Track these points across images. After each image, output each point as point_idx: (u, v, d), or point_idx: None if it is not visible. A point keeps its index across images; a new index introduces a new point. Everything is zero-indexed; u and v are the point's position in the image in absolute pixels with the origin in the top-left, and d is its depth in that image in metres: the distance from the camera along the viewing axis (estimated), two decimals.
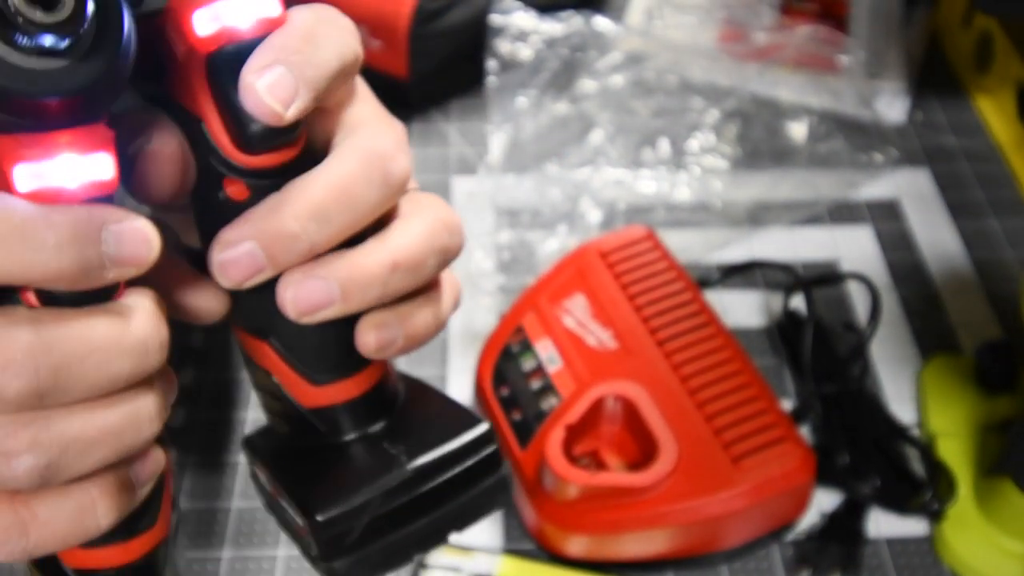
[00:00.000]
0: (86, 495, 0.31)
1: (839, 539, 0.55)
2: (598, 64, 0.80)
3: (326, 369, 0.39)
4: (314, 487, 0.40)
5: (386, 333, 0.37)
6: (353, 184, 0.35)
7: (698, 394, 0.54)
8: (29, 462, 0.29)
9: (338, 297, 0.35)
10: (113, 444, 0.31)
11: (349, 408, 0.41)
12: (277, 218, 0.33)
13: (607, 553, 0.53)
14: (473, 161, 0.78)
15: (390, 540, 0.40)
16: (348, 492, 0.39)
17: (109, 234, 0.29)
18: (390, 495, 0.39)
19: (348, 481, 0.39)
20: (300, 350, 0.39)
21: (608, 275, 0.60)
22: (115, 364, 0.30)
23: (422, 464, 0.40)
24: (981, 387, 0.60)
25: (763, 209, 0.74)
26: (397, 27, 0.78)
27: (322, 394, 0.40)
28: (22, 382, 0.28)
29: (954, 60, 0.88)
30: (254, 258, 0.34)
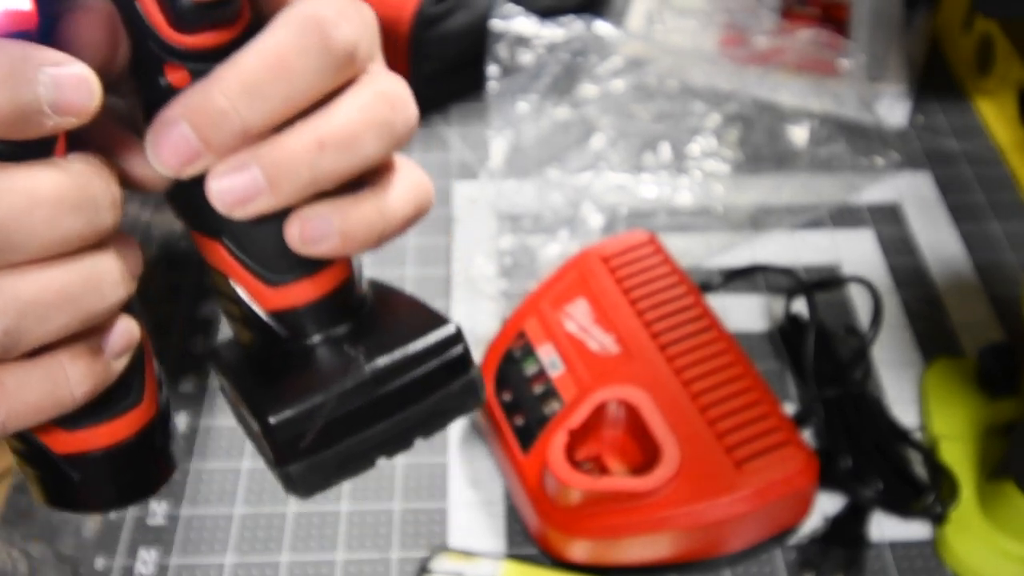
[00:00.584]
0: (55, 363, 0.30)
1: (842, 543, 0.55)
2: (599, 69, 0.80)
3: (281, 269, 0.37)
4: (270, 390, 0.38)
5: (315, 225, 0.34)
6: (287, 54, 0.31)
7: (700, 398, 0.54)
8: None
9: (264, 186, 0.32)
10: (73, 308, 0.30)
11: (309, 311, 0.38)
12: (206, 95, 0.31)
13: (610, 558, 0.53)
14: (474, 166, 0.78)
15: (349, 444, 0.38)
16: (302, 394, 0.37)
17: (46, 76, 0.27)
18: (347, 396, 0.37)
19: (304, 383, 0.37)
20: (252, 249, 0.37)
21: (610, 279, 0.60)
22: (65, 220, 0.29)
23: (382, 365, 0.38)
24: (983, 390, 0.60)
25: (765, 213, 0.74)
26: (398, 32, 0.78)
27: (280, 296, 0.38)
28: None
29: (955, 63, 0.88)
30: (187, 140, 0.31)
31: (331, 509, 0.58)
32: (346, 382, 0.37)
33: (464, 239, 0.73)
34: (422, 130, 0.82)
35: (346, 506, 0.58)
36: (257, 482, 0.59)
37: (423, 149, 0.80)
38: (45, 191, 0.28)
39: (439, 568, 0.54)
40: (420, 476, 0.59)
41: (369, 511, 0.58)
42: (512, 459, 0.55)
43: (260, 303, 0.38)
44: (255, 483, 0.59)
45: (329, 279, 0.38)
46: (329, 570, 0.55)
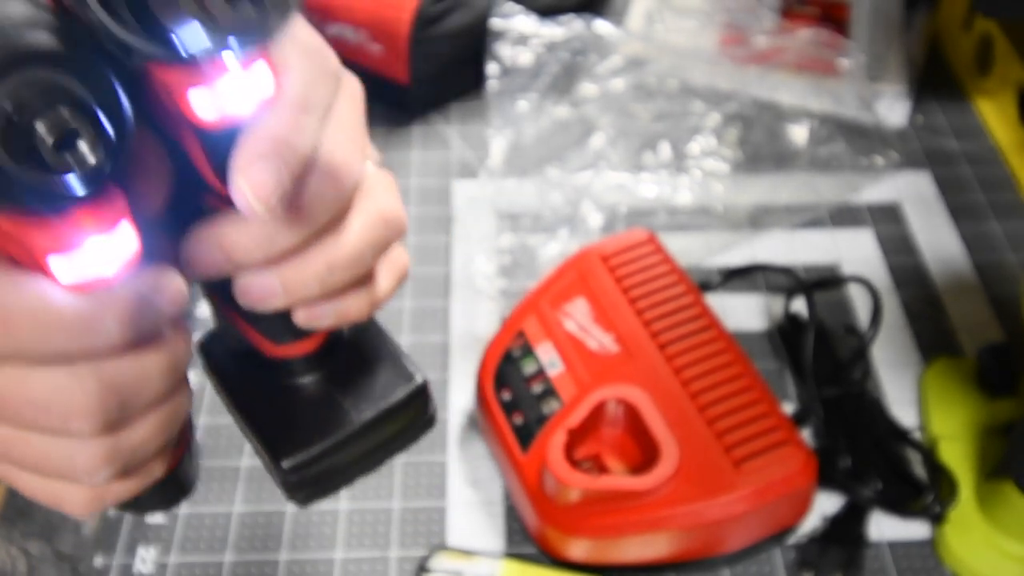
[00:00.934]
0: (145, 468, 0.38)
1: (841, 542, 0.55)
2: (599, 68, 0.80)
3: (284, 336, 0.46)
4: (278, 431, 0.47)
5: (316, 311, 0.41)
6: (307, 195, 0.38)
7: (699, 397, 0.54)
8: (106, 472, 0.35)
9: (280, 293, 0.39)
10: (165, 435, 0.37)
11: (304, 360, 0.47)
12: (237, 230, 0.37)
13: (609, 557, 0.53)
14: (474, 165, 0.78)
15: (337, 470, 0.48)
16: (308, 442, 0.47)
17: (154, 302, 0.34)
18: (340, 444, 0.47)
19: (307, 430, 0.47)
20: (262, 322, 0.45)
21: (609, 279, 0.60)
22: (164, 383, 0.36)
23: (368, 419, 0.47)
24: (982, 390, 0.60)
25: (764, 212, 0.74)
26: (398, 32, 0.78)
27: (280, 350, 0.46)
28: (98, 422, 0.33)
29: (955, 63, 0.88)
30: (218, 261, 0.38)
31: (330, 508, 0.58)
32: (340, 432, 0.47)
33: (464, 238, 0.73)
34: (422, 128, 0.82)
35: (345, 505, 0.58)
36: (256, 481, 0.59)
37: (423, 147, 0.80)
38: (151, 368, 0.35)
39: (438, 567, 0.54)
40: (419, 475, 0.59)
41: (368, 510, 0.58)
42: (511, 458, 0.55)
43: (262, 349, 0.47)
44: (254, 482, 0.59)
45: (319, 338, 0.47)
46: (328, 569, 0.55)
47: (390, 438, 0.50)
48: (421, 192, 0.77)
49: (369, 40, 0.80)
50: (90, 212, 0.31)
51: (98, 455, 0.34)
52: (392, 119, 0.83)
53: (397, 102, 0.83)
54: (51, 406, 0.33)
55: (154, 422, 0.36)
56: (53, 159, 0.28)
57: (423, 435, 0.52)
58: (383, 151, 0.81)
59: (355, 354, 0.50)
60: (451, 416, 0.62)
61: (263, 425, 0.48)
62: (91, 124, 0.29)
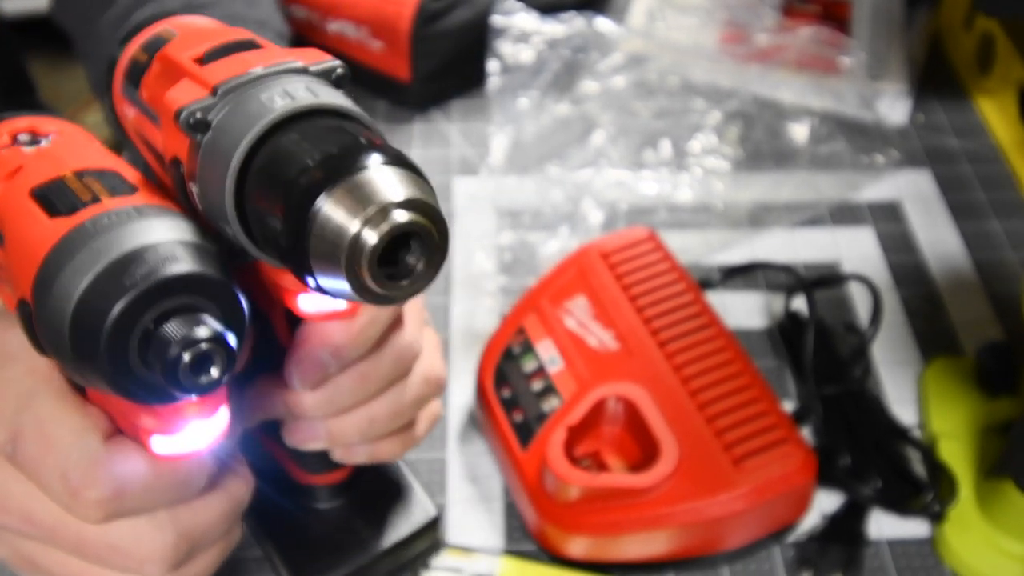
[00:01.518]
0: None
1: (840, 540, 0.55)
2: (600, 65, 0.80)
3: (318, 468, 0.50)
4: (301, 555, 0.51)
5: (353, 451, 0.45)
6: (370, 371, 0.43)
7: (699, 395, 0.54)
8: None
9: (324, 438, 0.44)
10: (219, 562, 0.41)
11: (330, 488, 0.52)
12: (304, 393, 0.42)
13: (608, 554, 0.53)
14: (475, 162, 0.78)
15: None
16: (328, 567, 0.50)
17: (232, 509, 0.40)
18: (360, 570, 0.51)
19: (329, 556, 0.51)
20: (300, 456, 0.49)
21: (609, 276, 0.60)
22: (228, 524, 0.40)
23: (384, 548, 0.51)
24: (982, 389, 0.60)
25: (764, 210, 0.74)
26: (399, 28, 0.78)
27: (311, 479, 0.51)
28: (169, 566, 0.37)
29: (956, 62, 0.88)
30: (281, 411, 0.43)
31: None
32: (360, 559, 0.51)
33: (464, 235, 0.73)
34: (423, 126, 0.82)
35: None
36: None
37: (424, 145, 0.80)
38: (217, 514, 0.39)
39: (438, 564, 0.54)
40: (419, 472, 0.59)
41: None
42: (511, 455, 0.55)
43: (293, 476, 0.50)
44: None
45: (347, 471, 0.51)
46: None
47: (398, 562, 0.54)
48: None
49: (370, 37, 0.80)
50: (198, 404, 0.35)
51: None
52: (393, 116, 0.83)
53: (398, 99, 0.83)
54: (131, 552, 0.36)
55: (214, 556, 0.40)
56: (187, 380, 0.31)
57: (430, 556, 0.55)
58: None
59: (375, 483, 0.54)
60: (451, 413, 0.62)
61: (286, 547, 0.51)
62: (223, 348, 0.32)
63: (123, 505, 0.36)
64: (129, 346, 0.31)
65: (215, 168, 0.31)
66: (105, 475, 0.35)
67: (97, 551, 0.37)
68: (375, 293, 0.30)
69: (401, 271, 0.30)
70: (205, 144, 0.32)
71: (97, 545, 0.36)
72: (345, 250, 0.28)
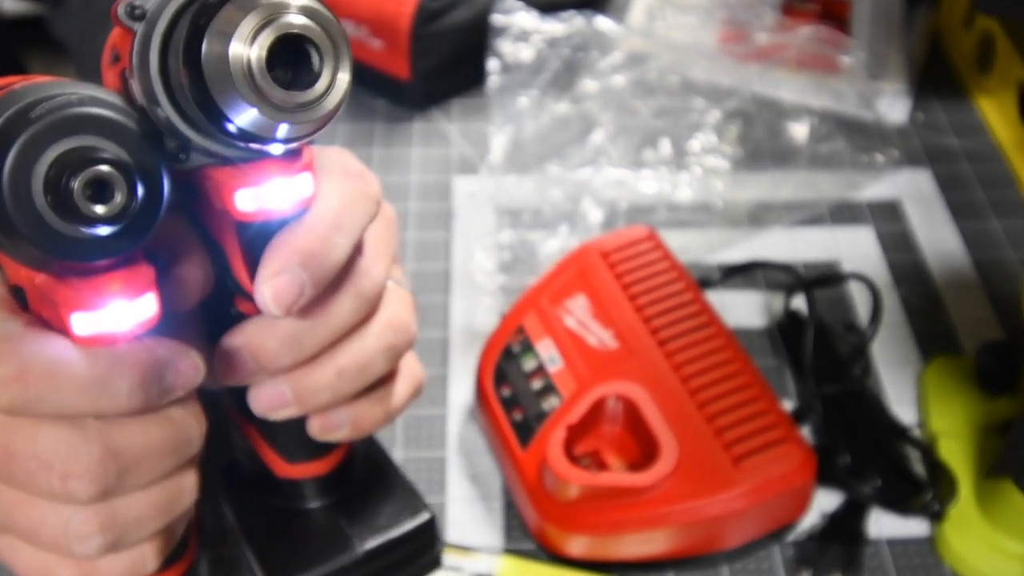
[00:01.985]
0: (137, 549, 0.38)
1: (840, 540, 0.55)
2: (600, 64, 0.80)
3: (298, 452, 0.47)
4: (277, 552, 0.48)
5: (331, 420, 0.43)
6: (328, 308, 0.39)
7: (699, 394, 0.54)
8: (98, 541, 0.35)
9: (292, 401, 0.41)
10: (164, 517, 0.37)
11: (313, 482, 0.49)
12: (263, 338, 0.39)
13: (608, 553, 0.53)
14: (475, 161, 0.78)
15: None
16: (307, 565, 0.47)
17: (169, 371, 0.35)
18: (342, 571, 0.48)
19: (307, 553, 0.48)
20: (276, 436, 0.46)
21: (609, 275, 0.60)
22: (170, 460, 0.36)
23: (371, 548, 0.48)
24: (982, 388, 0.60)
25: (764, 209, 0.74)
26: (399, 27, 0.78)
27: (293, 470, 0.48)
28: (96, 486, 0.34)
29: (955, 61, 0.88)
30: (245, 364, 0.39)
31: None
32: (342, 559, 0.48)
33: (464, 234, 0.73)
34: (423, 124, 0.82)
35: None
36: None
37: (424, 144, 0.80)
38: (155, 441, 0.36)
39: None
40: (418, 471, 0.59)
41: None
42: (510, 454, 0.55)
43: (275, 470, 0.48)
44: None
45: (333, 460, 0.48)
46: None
47: (392, 571, 0.51)
48: (421, 188, 0.76)
49: (370, 35, 0.80)
50: (119, 278, 0.33)
51: (93, 521, 0.35)
52: (393, 115, 0.83)
53: (398, 98, 0.83)
54: (54, 462, 0.34)
55: (151, 499, 0.37)
56: (86, 208, 0.30)
57: (427, 571, 0.53)
58: (383, 147, 0.81)
59: (365, 484, 0.51)
60: (450, 412, 0.62)
61: (262, 546, 0.49)
62: (126, 181, 0.31)
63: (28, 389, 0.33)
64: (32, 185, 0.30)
65: (145, 47, 0.32)
66: (14, 350, 0.33)
67: (24, 464, 0.34)
68: (285, 107, 0.31)
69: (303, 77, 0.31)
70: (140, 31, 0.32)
71: (24, 456, 0.34)
72: (233, 64, 0.30)
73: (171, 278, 0.37)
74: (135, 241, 0.32)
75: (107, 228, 0.31)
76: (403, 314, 0.43)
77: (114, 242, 0.31)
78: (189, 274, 0.37)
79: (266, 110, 0.31)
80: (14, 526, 0.36)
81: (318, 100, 0.32)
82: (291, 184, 0.36)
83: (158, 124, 0.33)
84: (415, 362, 0.47)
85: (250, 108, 0.31)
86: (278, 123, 0.31)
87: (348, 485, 0.50)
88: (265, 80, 0.30)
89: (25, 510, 0.35)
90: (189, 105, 0.32)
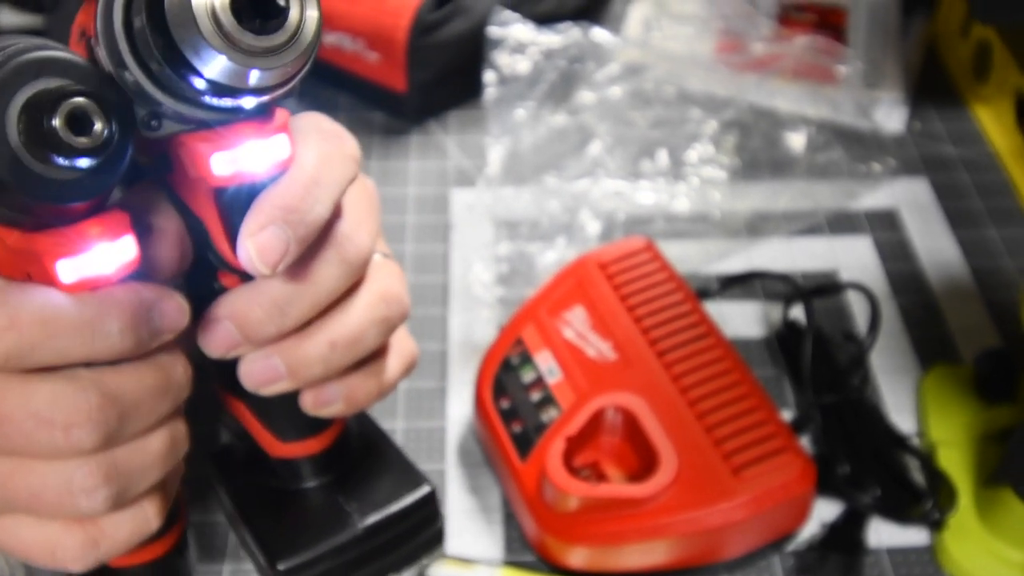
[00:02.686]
0: (139, 506, 0.38)
1: (840, 549, 0.55)
2: (596, 75, 0.80)
3: (291, 430, 0.47)
4: (276, 532, 0.48)
5: (324, 395, 0.43)
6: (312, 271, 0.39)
7: (698, 405, 0.54)
8: (104, 493, 0.36)
9: (284, 374, 0.40)
10: (162, 465, 0.38)
11: (309, 461, 0.48)
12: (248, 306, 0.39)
13: (608, 564, 0.53)
14: (472, 173, 0.79)
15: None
16: (307, 543, 0.47)
17: (155, 312, 0.36)
18: (342, 548, 0.47)
19: (307, 532, 0.47)
20: (269, 414, 0.46)
21: (607, 286, 0.60)
22: (163, 404, 0.37)
23: (371, 523, 0.48)
24: (981, 396, 0.60)
25: (762, 219, 0.74)
26: (395, 39, 0.78)
27: (287, 448, 0.47)
28: (99, 433, 0.35)
29: (952, 70, 0.88)
30: (230, 335, 0.39)
31: None
32: (344, 536, 0.47)
33: (462, 246, 0.73)
34: (420, 137, 0.82)
35: None
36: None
37: (421, 156, 0.80)
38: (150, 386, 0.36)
39: (437, 574, 0.54)
40: None
41: None
42: (510, 466, 0.55)
43: (268, 450, 0.47)
44: None
45: (329, 436, 0.47)
46: None
47: (394, 547, 0.50)
48: (419, 201, 0.77)
49: (366, 48, 0.80)
50: (97, 223, 0.33)
51: (96, 472, 0.35)
52: (389, 127, 0.83)
53: (394, 110, 0.83)
54: (55, 416, 0.34)
55: (150, 446, 0.37)
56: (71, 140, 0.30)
57: (431, 550, 0.53)
58: (380, 160, 0.81)
59: (362, 461, 0.51)
60: (449, 424, 0.62)
61: (261, 527, 0.49)
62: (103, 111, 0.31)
63: (22, 337, 0.33)
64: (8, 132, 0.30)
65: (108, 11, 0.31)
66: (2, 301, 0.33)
67: (21, 425, 0.34)
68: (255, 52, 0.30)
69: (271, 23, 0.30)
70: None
71: (20, 417, 0.34)
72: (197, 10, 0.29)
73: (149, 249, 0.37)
74: (112, 175, 0.32)
75: (87, 160, 0.31)
76: (394, 286, 0.43)
77: (93, 178, 0.32)
78: (166, 245, 0.38)
79: (235, 56, 0.30)
80: (13, 498, 0.36)
81: (288, 42, 0.31)
82: (267, 146, 0.36)
83: (127, 89, 0.32)
84: (408, 337, 0.47)
85: (218, 55, 0.30)
86: (249, 69, 0.31)
87: (344, 463, 0.50)
88: (232, 24, 0.30)
89: (24, 476, 0.35)
90: (157, 64, 0.31)
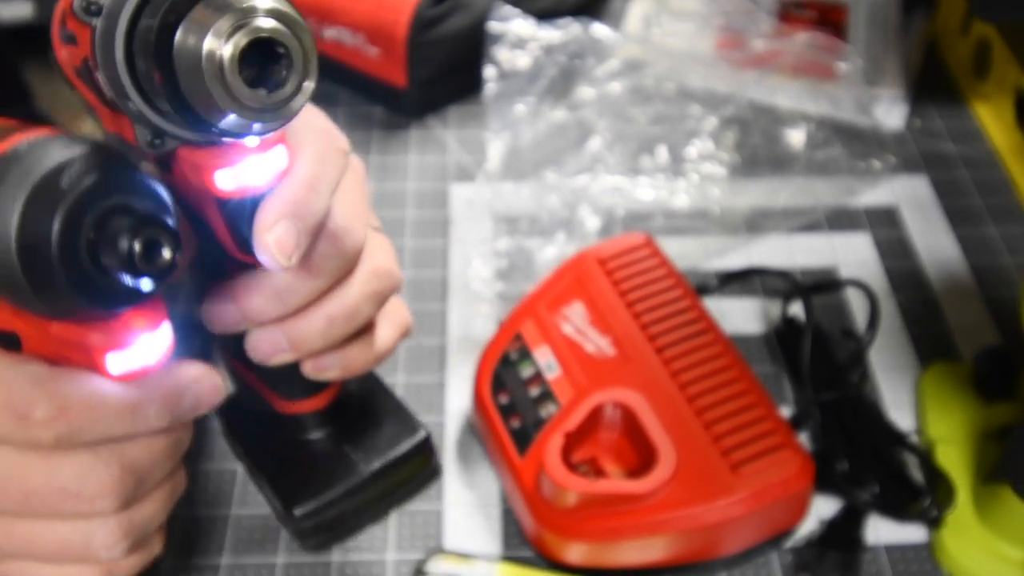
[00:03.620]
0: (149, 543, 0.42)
1: (838, 546, 0.55)
2: (596, 71, 0.80)
3: (297, 392, 0.51)
4: (290, 481, 0.52)
5: (323, 362, 0.46)
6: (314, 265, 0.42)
7: (696, 401, 0.54)
8: (123, 546, 0.39)
9: (287, 348, 0.44)
10: (168, 509, 0.42)
11: (315, 416, 0.53)
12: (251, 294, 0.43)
13: (606, 560, 0.53)
14: (471, 169, 0.78)
15: (347, 518, 0.54)
16: (319, 490, 0.52)
17: (190, 395, 0.40)
18: (351, 492, 0.52)
19: (318, 479, 0.52)
20: (275, 380, 0.51)
21: (606, 282, 0.60)
22: (169, 463, 0.41)
23: (375, 468, 0.53)
24: (980, 394, 0.60)
25: (761, 216, 0.74)
26: (395, 35, 0.78)
27: (293, 406, 0.52)
28: (119, 501, 0.38)
29: (952, 67, 0.88)
30: (234, 315, 0.43)
31: None
32: (350, 481, 0.52)
33: (461, 241, 0.73)
34: (420, 132, 0.82)
35: None
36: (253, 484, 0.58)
37: (420, 151, 0.80)
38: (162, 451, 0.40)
39: (435, 570, 0.54)
40: None
41: None
42: (508, 461, 0.55)
43: (276, 407, 0.52)
44: (250, 485, 0.58)
45: (328, 395, 0.52)
46: (325, 571, 0.55)
47: (396, 487, 0.56)
48: (418, 196, 0.77)
49: (366, 43, 0.80)
50: (141, 314, 0.37)
51: (117, 531, 0.39)
52: (389, 122, 0.83)
53: (394, 105, 0.83)
54: (82, 489, 0.37)
55: (161, 497, 0.41)
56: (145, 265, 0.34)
57: (428, 485, 0.57)
58: (380, 155, 0.81)
59: (363, 411, 0.56)
60: (448, 420, 0.62)
61: (276, 477, 0.53)
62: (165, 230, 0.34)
63: (71, 424, 0.36)
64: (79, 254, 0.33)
65: (108, 43, 0.32)
66: (51, 391, 0.36)
67: (47, 499, 0.37)
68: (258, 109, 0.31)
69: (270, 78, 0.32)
70: (99, 27, 0.33)
71: (46, 492, 0.37)
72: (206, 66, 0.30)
73: None
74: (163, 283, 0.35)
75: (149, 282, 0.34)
76: (385, 261, 0.46)
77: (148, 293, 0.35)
78: None
79: (240, 112, 0.31)
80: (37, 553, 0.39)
81: (287, 101, 0.33)
82: (267, 159, 0.38)
83: (129, 115, 0.34)
84: (402, 306, 0.50)
85: (225, 113, 0.31)
86: (251, 123, 0.32)
87: (347, 415, 0.54)
88: (237, 82, 0.31)
89: (46, 537, 0.38)
90: (160, 100, 0.33)
